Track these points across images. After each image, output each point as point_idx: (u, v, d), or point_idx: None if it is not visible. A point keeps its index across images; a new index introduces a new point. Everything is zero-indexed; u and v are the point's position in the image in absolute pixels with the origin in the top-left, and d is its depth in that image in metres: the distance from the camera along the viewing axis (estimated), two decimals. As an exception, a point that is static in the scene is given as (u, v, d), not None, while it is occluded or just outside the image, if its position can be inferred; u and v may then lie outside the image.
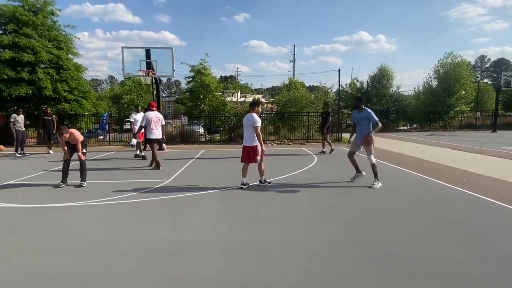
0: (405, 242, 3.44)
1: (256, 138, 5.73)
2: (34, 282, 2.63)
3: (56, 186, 6.04)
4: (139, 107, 10.11)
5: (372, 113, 5.83)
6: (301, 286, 2.56)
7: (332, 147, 11.28)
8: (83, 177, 6.20)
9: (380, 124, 5.80)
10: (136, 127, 9.33)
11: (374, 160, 5.95)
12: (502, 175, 6.88)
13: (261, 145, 5.80)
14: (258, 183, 6.09)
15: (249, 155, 5.82)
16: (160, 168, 7.93)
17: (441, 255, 3.10)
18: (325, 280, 2.64)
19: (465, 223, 4.00)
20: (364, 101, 6.18)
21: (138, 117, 9.73)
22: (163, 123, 8.32)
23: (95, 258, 3.08)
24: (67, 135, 5.96)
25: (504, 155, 10.25)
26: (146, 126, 8.13)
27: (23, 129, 11.00)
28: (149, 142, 8.38)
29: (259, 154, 5.81)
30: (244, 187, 5.83)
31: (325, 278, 2.68)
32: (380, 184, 5.85)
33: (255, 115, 5.79)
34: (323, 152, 11.17)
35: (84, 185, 6.10)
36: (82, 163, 6.20)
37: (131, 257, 3.10)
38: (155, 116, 8.18)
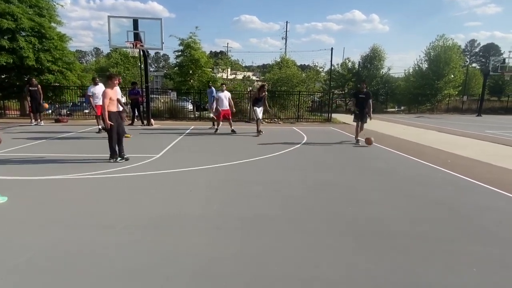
0: (392, 219, 3.54)
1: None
2: (22, 254, 2.60)
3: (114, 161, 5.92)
4: (97, 79, 9.88)
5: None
6: (290, 260, 2.62)
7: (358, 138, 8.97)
8: None
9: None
10: (96, 101, 9.19)
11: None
12: (484, 158, 7.10)
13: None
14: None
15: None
16: None
17: (426, 232, 3.22)
18: (315, 255, 2.71)
19: (449, 203, 4.14)
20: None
21: (96, 90, 9.38)
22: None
23: (85, 231, 3.06)
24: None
25: (487, 138, 10.55)
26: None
27: None
28: None
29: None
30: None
31: (314, 253, 2.75)
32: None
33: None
34: (358, 141, 8.88)
35: None
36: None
37: (121, 230, 3.09)
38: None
